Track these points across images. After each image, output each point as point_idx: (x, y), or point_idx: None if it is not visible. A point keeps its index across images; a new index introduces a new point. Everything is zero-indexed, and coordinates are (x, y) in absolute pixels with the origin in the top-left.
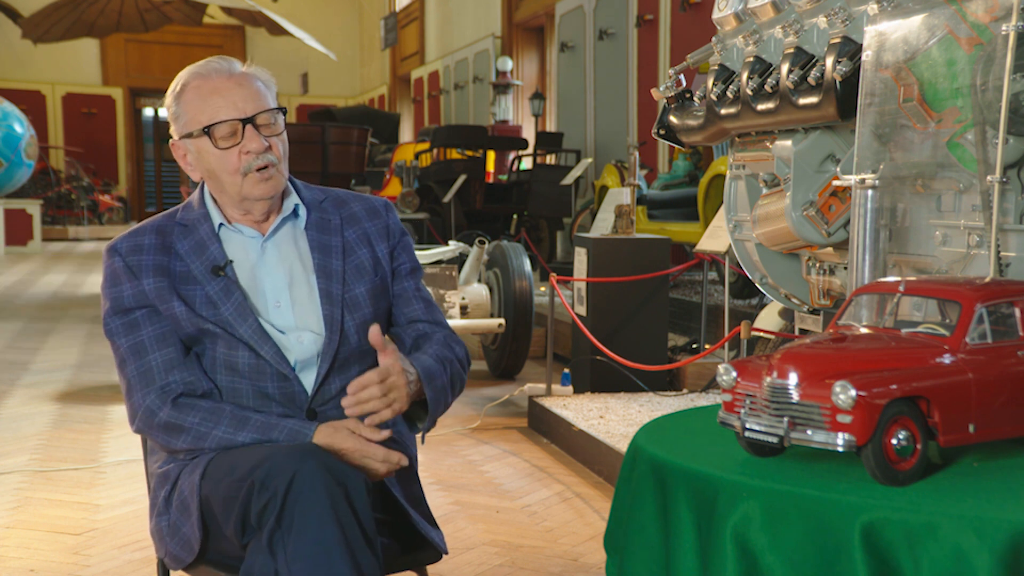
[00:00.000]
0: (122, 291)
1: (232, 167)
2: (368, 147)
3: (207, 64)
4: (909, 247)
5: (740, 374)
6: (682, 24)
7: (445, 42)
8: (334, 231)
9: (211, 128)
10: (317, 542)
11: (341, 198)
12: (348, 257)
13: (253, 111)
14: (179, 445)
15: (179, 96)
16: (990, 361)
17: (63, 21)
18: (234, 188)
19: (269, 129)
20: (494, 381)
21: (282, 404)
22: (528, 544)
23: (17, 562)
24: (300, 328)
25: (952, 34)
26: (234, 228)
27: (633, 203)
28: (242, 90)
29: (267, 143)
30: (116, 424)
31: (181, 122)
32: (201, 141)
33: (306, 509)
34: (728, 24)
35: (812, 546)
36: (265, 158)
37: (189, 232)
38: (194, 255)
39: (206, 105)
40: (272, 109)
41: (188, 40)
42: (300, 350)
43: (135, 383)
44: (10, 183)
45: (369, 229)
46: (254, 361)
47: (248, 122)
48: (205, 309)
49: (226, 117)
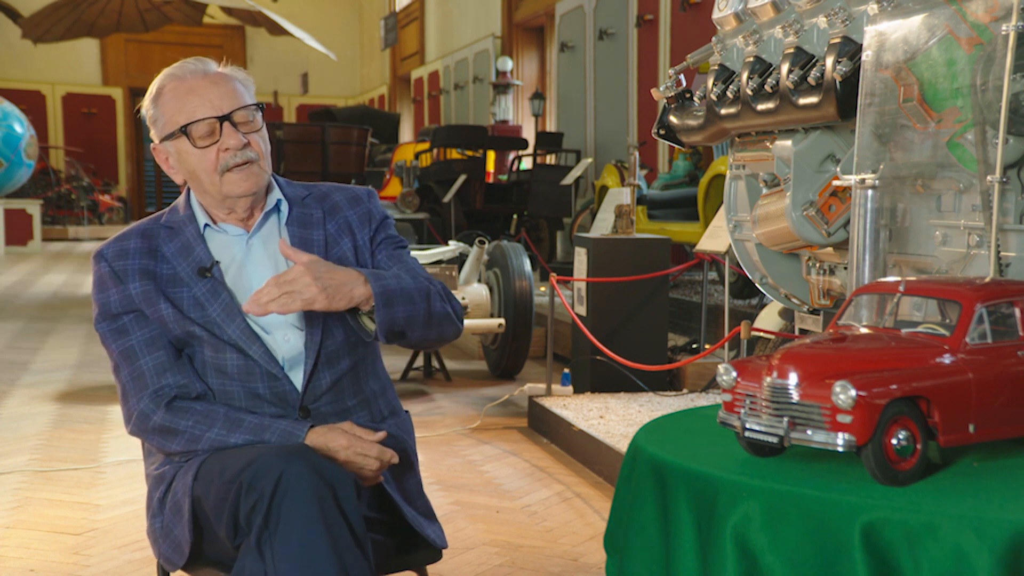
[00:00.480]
0: (109, 296)
1: (211, 166)
2: (368, 147)
3: (182, 66)
4: (909, 247)
5: (740, 374)
6: (682, 24)
7: (445, 42)
8: (316, 225)
9: (188, 127)
10: (303, 543)
11: (324, 192)
12: (331, 250)
13: (230, 108)
14: (174, 448)
15: (156, 99)
16: (990, 361)
17: (63, 21)
18: (214, 187)
19: (247, 126)
20: (494, 381)
21: (274, 404)
22: (528, 544)
23: (17, 562)
24: (287, 324)
25: (952, 34)
26: (219, 228)
27: (633, 203)
28: (218, 88)
29: (245, 139)
30: (116, 424)
31: (160, 125)
32: (180, 142)
33: (292, 510)
34: (728, 24)
35: (812, 546)
36: (244, 155)
37: (175, 234)
38: (180, 257)
39: (183, 105)
40: (249, 106)
41: (188, 40)
42: (287, 348)
43: (129, 388)
44: (10, 183)
45: (350, 217)
46: (242, 362)
47: (225, 119)
48: (193, 311)
49: (203, 116)
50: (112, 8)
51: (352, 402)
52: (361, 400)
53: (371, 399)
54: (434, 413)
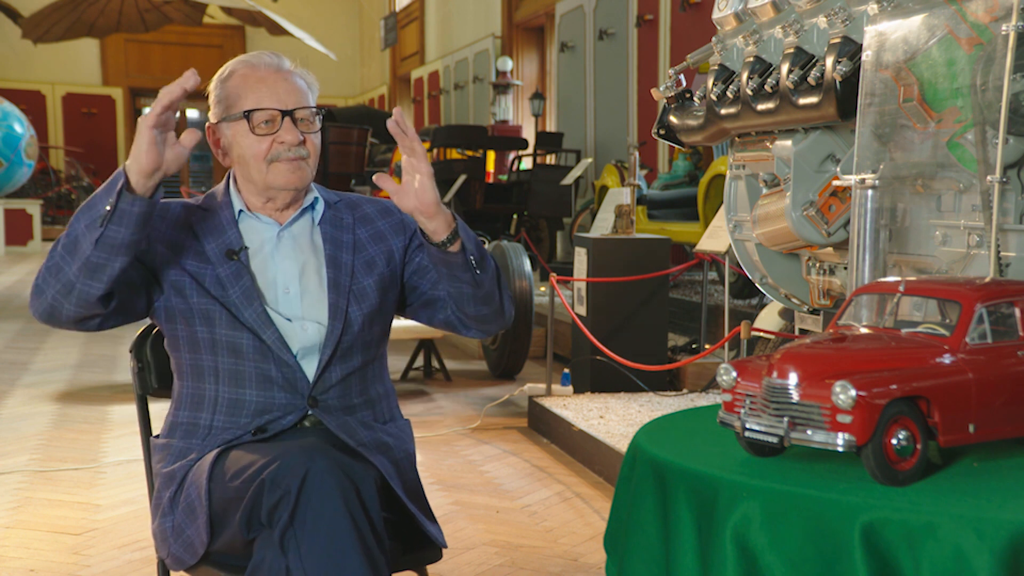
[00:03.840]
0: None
1: (262, 153)
2: (368, 147)
3: (258, 55)
4: (909, 247)
5: (740, 374)
6: (682, 24)
7: (445, 42)
8: (346, 228)
9: (251, 113)
10: (331, 539)
11: (354, 201)
12: (358, 253)
13: (295, 105)
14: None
15: (225, 81)
16: (990, 361)
17: (63, 21)
18: (260, 175)
19: (306, 125)
20: (494, 381)
21: (284, 389)
22: (528, 544)
23: (17, 562)
24: (306, 317)
25: (952, 34)
26: (253, 216)
27: (633, 203)
28: (287, 84)
29: (302, 137)
30: (116, 424)
31: (222, 106)
32: (238, 125)
33: (319, 506)
34: (728, 24)
35: (812, 546)
36: (298, 151)
37: (210, 215)
38: (210, 236)
39: (250, 91)
40: (312, 107)
41: (188, 40)
42: (304, 337)
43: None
44: (10, 183)
45: (383, 227)
46: (257, 344)
47: (287, 114)
48: (214, 288)
49: (268, 105)
50: (112, 8)
51: (358, 400)
52: (366, 400)
53: (375, 401)
54: (434, 413)
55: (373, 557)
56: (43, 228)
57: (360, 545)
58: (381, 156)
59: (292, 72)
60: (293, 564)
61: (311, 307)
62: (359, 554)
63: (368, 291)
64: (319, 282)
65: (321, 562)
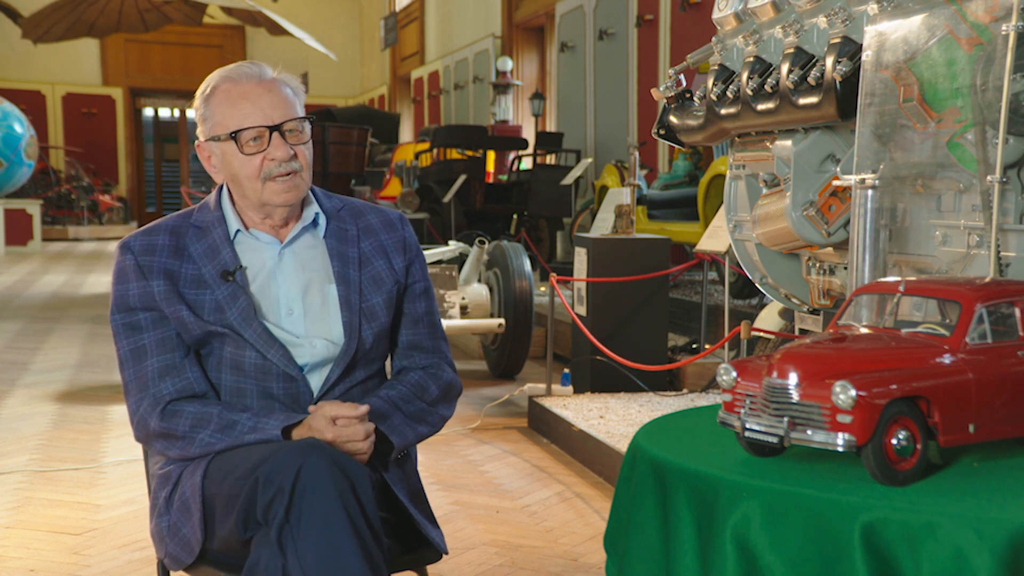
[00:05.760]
0: (128, 289)
1: (255, 172)
2: (368, 147)
3: (238, 68)
4: (909, 247)
5: (740, 374)
6: (682, 24)
7: (445, 42)
8: (351, 242)
9: (238, 133)
10: (327, 534)
11: (358, 208)
12: (364, 268)
13: (281, 118)
14: (173, 453)
15: (208, 98)
16: (990, 361)
17: (63, 21)
18: (255, 193)
19: (295, 137)
20: (494, 381)
21: (285, 404)
22: (528, 544)
23: (17, 562)
24: (312, 335)
25: (952, 34)
26: (251, 234)
27: (633, 203)
28: (271, 96)
29: (292, 151)
30: (116, 424)
31: (209, 125)
32: (227, 145)
33: (314, 502)
34: (728, 24)
35: (812, 546)
36: (289, 166)
37: (203, 235)
38: (206, 258)
39: (235, 110)
40: (300, 118)
41: (188, 40)
42: (312, 353)
43: (131, 387)
44: (10, 183)
45: (386, 241)
46: (260, 362)
47: (275, 129)
48: (212, 314)
49: (254, 123)
50: (112, 8)
51: None
52: None
53: None
54: None
55: (370, 552)
56: (43, 228)
57: (357, 540)
58: (381, 156)
59: (275, 80)
60: (290, 561)
61: (315, 326)
62: (356, 549)
63: (377, 310)
64: (323, 301)
65: (318, 558)
